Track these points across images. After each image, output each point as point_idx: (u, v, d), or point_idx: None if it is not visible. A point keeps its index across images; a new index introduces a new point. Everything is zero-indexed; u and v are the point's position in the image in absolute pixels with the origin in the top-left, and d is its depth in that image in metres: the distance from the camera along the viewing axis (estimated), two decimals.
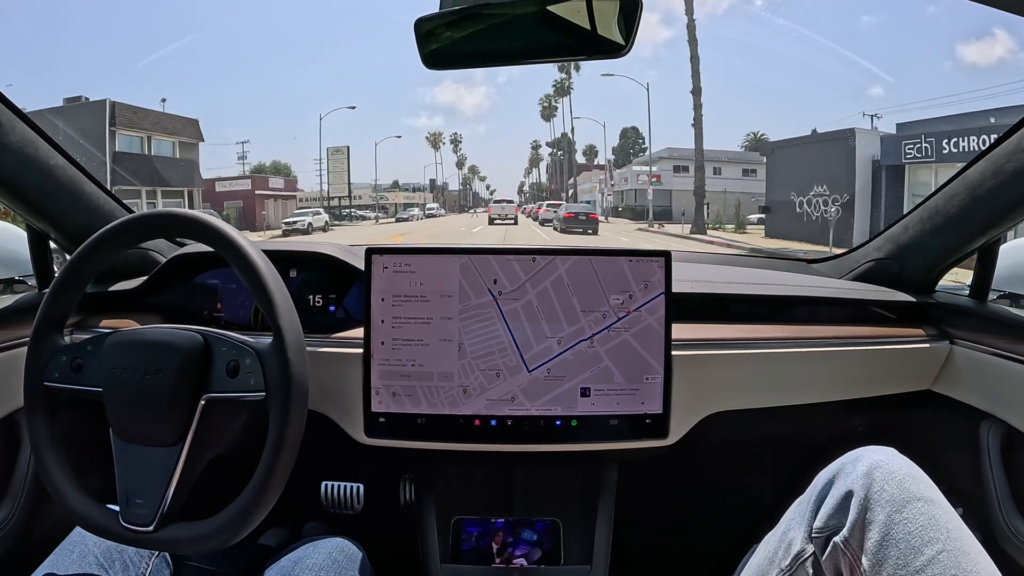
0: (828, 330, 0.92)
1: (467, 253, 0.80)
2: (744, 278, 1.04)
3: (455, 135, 62.71)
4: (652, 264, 0.80)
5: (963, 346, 0.89)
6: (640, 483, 1.00)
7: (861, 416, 1.00)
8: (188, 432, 0.64)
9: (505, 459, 0.90)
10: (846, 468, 0.57)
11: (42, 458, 0.67)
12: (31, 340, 0.68)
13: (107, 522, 0.64)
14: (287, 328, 0.64)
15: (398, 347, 0.80)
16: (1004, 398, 0.83)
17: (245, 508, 0.62)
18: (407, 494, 0.91)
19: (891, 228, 1.02)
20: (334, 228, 21.25)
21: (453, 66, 0.69)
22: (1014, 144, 0.77)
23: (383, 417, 0.81)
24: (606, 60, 1.45)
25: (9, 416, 0.84)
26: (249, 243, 0.68)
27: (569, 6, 0.61)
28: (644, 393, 0.81)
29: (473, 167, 67.14)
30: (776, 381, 0.88)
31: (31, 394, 0.67)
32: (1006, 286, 0.95)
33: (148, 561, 0.71)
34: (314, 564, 0.68)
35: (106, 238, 0.69)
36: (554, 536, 0.88)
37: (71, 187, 0.89)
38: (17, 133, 0.80)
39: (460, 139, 63.40)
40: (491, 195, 59.85)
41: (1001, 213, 0.81)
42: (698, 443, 0.86)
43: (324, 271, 0.94)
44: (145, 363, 0.64)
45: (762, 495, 1.16)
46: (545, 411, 0.80)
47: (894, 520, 0.52)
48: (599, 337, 0.80)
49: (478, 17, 0.62)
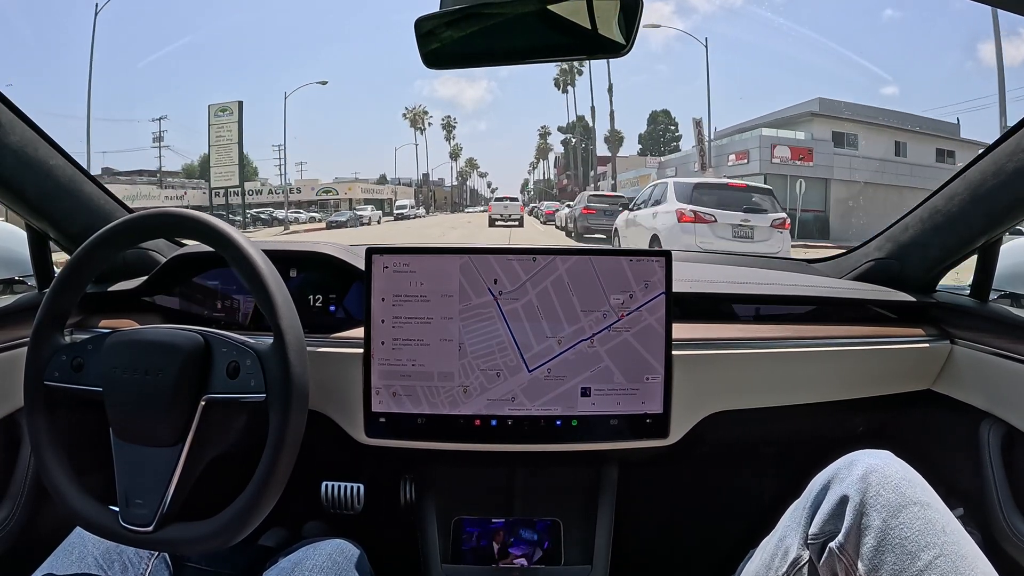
0: (829, 330, 0.92)
1: (467, 253, 0.80)
2: (745, 278, 1.04)
3: (448, 119, 52.24)
4: (652, 264, 0.80)
5: (963, 346, 0.89)
6: (640, 483, 1.00)
7: (862, 416, 1.00)
8: (188, 432, 0.64)
9: (505, 459, 0.90)
10: (841, 473, 0.57)
11: (42, 457, 0.67)
12: (31, 339, 0.68)
13: (106, 522, 0.64)
14: (287, 329, 0.64)
15: (398, 347, 0.80)
16: (1004, 398, 0.82)
17: (245, 508, 0.62)
18: (407, 494, 0.91)
19: (891, 228, 1.02)
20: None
21: (453, 65, 0.69)
22: (1014, 144, 0.77)
23: (383, 417, 0.81)
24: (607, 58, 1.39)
25: (9, 416, 0.84)
26: (249, 243, 0.67)
27: (569, 5, 0.61)
28: (644, 393, 0.81)
29: (471, 160, 58.07)
30: (777, 381, 0.88)
31: (31, 393, 0.67)
32: (1006, 286, 0.95)
33: (148, 562, 0.71)
34: (314, 566, 0.68)
35: (106, 238, 0.69)
36: (554, 536, 0.88)
37: (71, 187, 0.89)
38: (17, 133, 0.80)
39: (454, 124, 52.44)
40: (492, 193, 51.56)
41: (1001, 213, 0.81)
42: (698, 443, 0.86)
43: (324, 271, 0.93)
44: (146, 363, 0.64)
45: (762, 495, 1.16)
46: (545, 411, 0.80)
47: (890, 525, 0.52)
48: (599, 337, 0.80)
49: (478, 16, 0.62)
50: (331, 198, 25.67)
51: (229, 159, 19.28)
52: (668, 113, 40.69)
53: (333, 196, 26.15)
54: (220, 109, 19.65)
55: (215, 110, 19.74)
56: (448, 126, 52.36)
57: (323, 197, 25.53)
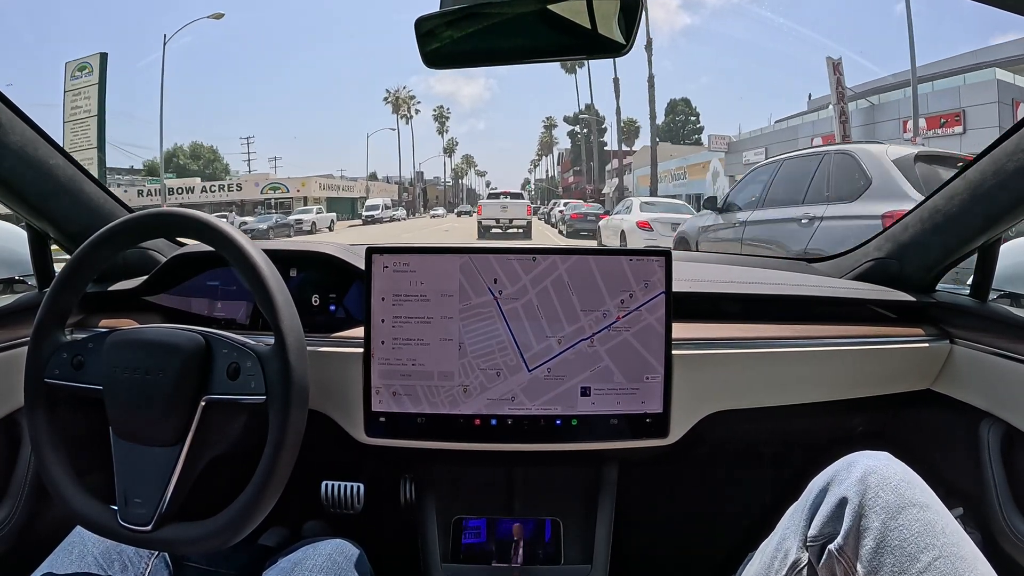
0: (828, 329, 0.92)
1: (467, 252, 0.80)
2: (744, 277, 1.04)
3: (440, 109, 44.55)
4: (652, 263, 0.80)
5: (963, 345, 0.89)
6: (640, 482, 1.00)
7: (861, 416, 1.00)
8: (188, 432, 0.64)
9: (505, 458, 0.90)
10: (840, 474, 0.57)
11: (42, 455, 0.67)
12: (32, 337, 0.68)
13: (106, 521, 0.64)
14: (288, 331, 0.64)
15: (398, 346, 0.80)
16: (1004, 397, 0.83)
17: (245, 508, 0.62)
18: (407, 494, 0.91)
19: (891, 227, 1.02)
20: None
21: (453, 65, 0.69)
22: (1014, 143, 0.77)
23: (383, 416, 0.81)
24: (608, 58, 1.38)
25: (9, 416, 0.84)
26: (250, 243, 0.68)
27: (570, 5, 0.61)
28: (644, 392, 0.81)
29: (468, 157, 52.59)
30: (776, 380, 0.88)
31: (32, 391, 0.67)
32: (1006, 286, 0.95)
33: (147, 561, 0.71)
34: (313, 566, 0.68)
35: (107, 238, 0.69)
36: (554, 535, 0.88)
37: (71, 187, 0.89)
38: (17, 133, 0.80)
39: (447, 115, 45.07)
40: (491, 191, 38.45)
41: (1001, 213, 0.81)
42: (698, 442, 0.86)
43: (324, 270, 0.94)
44: (146, 362, 0.64)
45: (762, 494, 1.16)
46: (545, 410, 0.80)
47: (889, 527, 0.52)
48: (599, 336, 0.80)
49: (478, 16, 0.62)
50: (278, 197, 19.53)
51: (83, 137, 13.29)
52: (688, 102, 34.39)
53: (281, 195, 19.64)
54: (79, 68, 13.92)
55: (72, 69, 13.92)
56: (441, 117, 45.12)
57: (269, 196, 19.40)
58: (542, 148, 48.47)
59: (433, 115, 43.72)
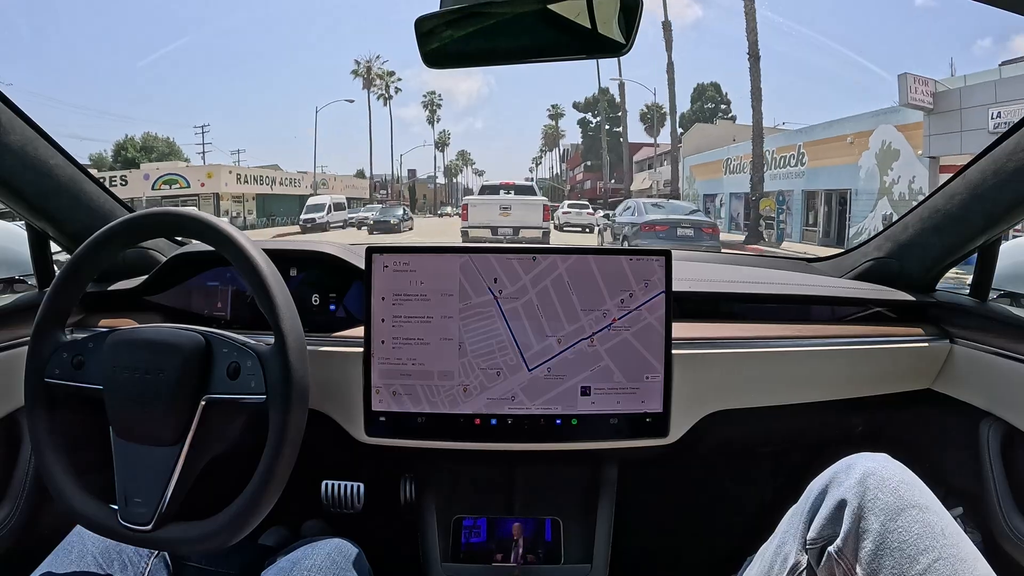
0: (828, 329, 0.92)
1: (467, 252, 0.80)
2: (745, 277, 1.04)
3: (431, 96, 38.69)
4: (652, 263, 0.80)
5: (963, 345, 0.89)
6: (640, 482, 1.00)
7: (861, 415, 1.00)
8: (188, 432, 0.64)
9: (505, 458, 0.90)
10: (839, 476, 0.57)
11: (42, 455, 0.67)
12: (32, 336, 0.68)
13: (106, 520, 0.64)
14: (288, 331, 0.64)
15: (398, 346, 0.80)
16: (1004, 397, 0.83)
17: (245, 508, 0.62)
18: (407, 493, 0.91)
19: (891, 227, 1.02)
20: None
21: (454, 65, 0.69)
22: (1014, 143, 0.77)
23: (383, 416, 0.81)
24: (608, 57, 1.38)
25: (10, 416, 0.84)
26: (250, 242, 0.67)
27: (570, 5, 0.61)
28: (644, 392, 0.81)
29: (464, 153, 46.87)
30: (776, 380, 0.88)
31: (32, 390, 0.67)
32: (1006, 285, 0.95)
33: (147, 561, 0.71)
34: (313, 565, 0.68)
35: (107, 237, 0.69)
36: (554, 535, 0.88)
37: (71, 187, 0.89)
38: (17, 133, 0.80)
39: (439, 103, 39.27)
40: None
41: (1001, 212, 0.81)
42: (698, 442, 0.86)
43: (324, 270, 0.94)
44: (146, 362, 0.64)
45: (762, 494, 1.16)
46: (545, 410, 0.80)
47: (888, 528, 0.52)
48: (599, 336, 0.80)
49: (478, 16, 0.62)
50: (179, 194, 15.15)
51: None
52: (718, 87, 29.53)
53: (179, 189, 15.09)
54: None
55: None
56: (431, 105, 38.70)
57: (164, 192, 15.15)
58: (546, 142, 42.72)
59: (423, 103, 38.19)
